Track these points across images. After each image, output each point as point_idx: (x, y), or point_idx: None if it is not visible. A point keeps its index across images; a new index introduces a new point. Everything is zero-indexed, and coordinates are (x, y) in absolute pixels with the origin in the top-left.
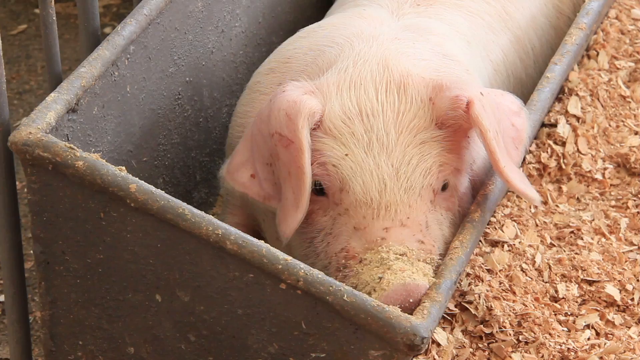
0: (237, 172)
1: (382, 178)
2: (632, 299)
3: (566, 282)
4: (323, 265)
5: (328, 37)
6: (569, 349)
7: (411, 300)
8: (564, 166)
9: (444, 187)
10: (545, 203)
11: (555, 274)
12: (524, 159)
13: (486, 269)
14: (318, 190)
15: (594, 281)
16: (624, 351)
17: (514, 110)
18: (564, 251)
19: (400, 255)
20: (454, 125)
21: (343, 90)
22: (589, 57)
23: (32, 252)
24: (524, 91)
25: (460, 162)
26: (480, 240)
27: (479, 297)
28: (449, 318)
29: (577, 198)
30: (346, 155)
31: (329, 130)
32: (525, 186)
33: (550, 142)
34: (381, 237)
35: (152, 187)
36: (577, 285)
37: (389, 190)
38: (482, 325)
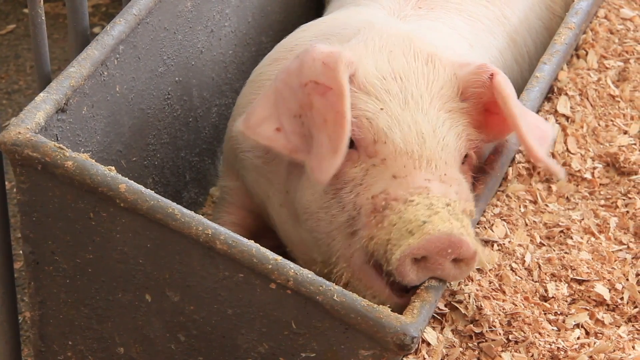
0: (260, 127)
1: (420, 132)
2: (622, 298)
3: (556, 281)
4: (350, 215)
5: (336, 24)
6: (558, 348)
7: (449, 251)
8: None
9: (464, 160)
10: (535, 202)
11: (545, 273)
12: (514, 159)
13: (476, 268)
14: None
15: (583, 280)
16: (614, 350)
17: (541, 119)
18: (554, 250)
19: (446, 205)
20: (474, 97)
21: (374, 53)
22: (578, 57)
23: (21, 252)
24: (520, 94)
25: (480, 140)
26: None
27: (469, 296)
28: (439, 317)
29: (567, 197)
30: (381, 109)
31: (363, 86)
32: (548, 159)
33: None
34: (424, 186)
35: (141, 187)
36: (566, 285)
37: (428, 145)
38: (472, 325)
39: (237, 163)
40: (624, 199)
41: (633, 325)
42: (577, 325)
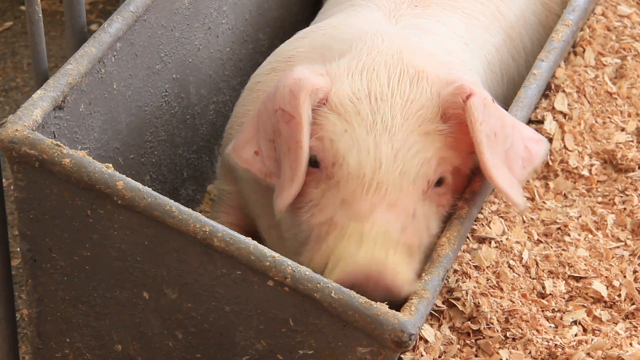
0: (242, 149)
1: (378, 157)
2: (619, 295)
3: (553, 278)
4: (305, 236)
5: (333, 36)
6: (556, 345)
7: (370, 285)
8: (550, 163)
9: (440, 183)
10: (532, 200)
11: (543, 271)
12: None
13: (473, 266)
14: (314, 162)
15: (581, 277)
16: (611, 347)
17: (535, 138)
18: (551, 247)
19: (382, 232)
20: (455, 117)
21: (354, 74)
22: (575, 54)
23: (18, 249)
24: (517, 91)
25: (462, 162)
26: (467, 237)
27: (467, 293)
28: (436, 315)
29: (564, 194)
30: (345, 131)
31: (335, 107)
32: (511, 188)
33: None
34: (367, 213)
35: (139, 185)
36: (564, 282)
37: (383, 170)
38: (469, 322)
39: (235, 171)
40: (621, 196)
41: (630, 322)
42: (575, 322)
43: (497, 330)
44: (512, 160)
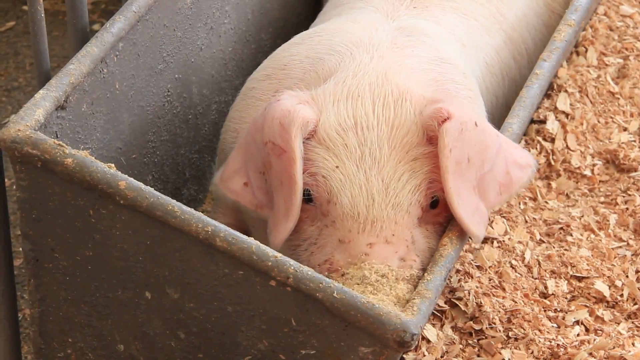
0: (230, 180)
1: (371, 193)
2: (621, 295)
3: (555, 278)
4: None
5: (326, 45)
6: (558, 345)
7: None
8: (553, 162)
9: (435, 205)
10: (534, 199)
11: (545, 270)
12: None
13: (476, 266)
14: (308, 198)
15: (583, 277)
16: (613, 347)
17: (520, 163)
18: (554, 247)
19: (381, 277)
20: (437, 138)
21: (340, 101)
22: (577, 54)
23: (21, 249)
24: (519, 92)
25: None
26: (469, 237)
27: (469, 293)
28: (438, 314)
29: (567, 194)
30: (337, 167)
31: (323, 140)
32: (470, 217)
33: (540, 139)
34: (364, 253)
35: (141, 184)
36: (566, 282)
37: (376, 206)
38: (471, 322)
39: None
40: (623, 196)
41: (633, 322)
42: (577, 322)
43: (500, 330)
44: (487, 185)
